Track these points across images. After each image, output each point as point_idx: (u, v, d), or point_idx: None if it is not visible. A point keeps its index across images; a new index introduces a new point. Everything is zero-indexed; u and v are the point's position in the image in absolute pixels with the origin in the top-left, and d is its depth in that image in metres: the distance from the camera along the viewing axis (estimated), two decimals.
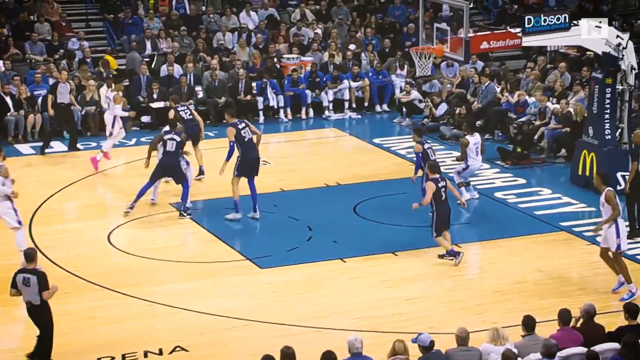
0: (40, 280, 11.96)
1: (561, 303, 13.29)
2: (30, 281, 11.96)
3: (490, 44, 18.34)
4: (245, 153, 17.58)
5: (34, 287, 11.94)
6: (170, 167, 18.16)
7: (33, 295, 12.01)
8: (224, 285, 15.39)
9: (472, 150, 18.28)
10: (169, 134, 18.28)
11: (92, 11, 28.82)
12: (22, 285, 12.04)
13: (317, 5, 29.52)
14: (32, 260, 12.23)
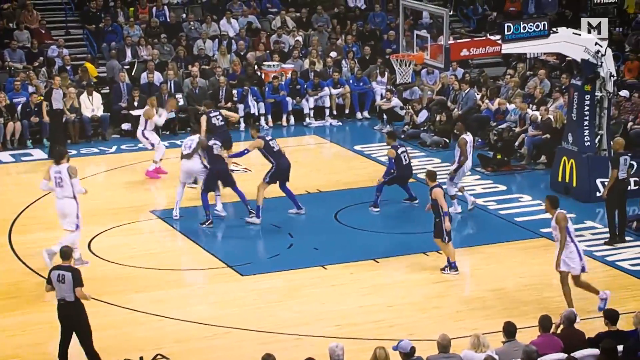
0: (75, 276, 12.16)
1: (541, 309, 13.38)
2: (65, 278, 12.13)
3: (470, 51, 18.39)
4: (279, 164, 18.01)
5: (68, 284, 12.12)
6: (221, 172, 18.13)
7: (67, 292, 12.17)
8: (205, 293, 15.39)
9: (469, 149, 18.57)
10: (211, 140, 18.30)
11: (72, 19, 28.76)
12: (57, 282, 12.21)
13: (297, 13, 29.57)
14: (68, 258, 12.45)
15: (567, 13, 29.09)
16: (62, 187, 15.74)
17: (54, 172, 15.81)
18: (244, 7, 29.31)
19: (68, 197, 15.76)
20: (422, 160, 22.54)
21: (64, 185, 15.72)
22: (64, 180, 15.70)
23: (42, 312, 13.92)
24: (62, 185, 15.73)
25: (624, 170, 17.03)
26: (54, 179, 15.82)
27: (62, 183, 15.73)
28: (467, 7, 30.63)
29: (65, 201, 15.79)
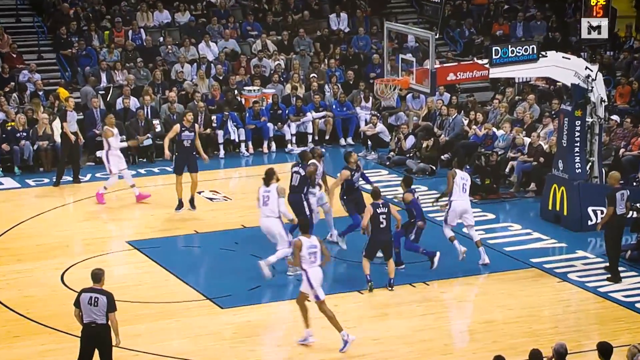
0: (110, 300, 12.39)
1: (532, 342, 13.38)
2: (99, 301, 12.30)
3: (457, 75, 18.46)
4: None
5: (102, 307, 12.30)
6: (293, 203, 17.78)
7: (99, 315, 12.35)
8: (182, 326, 15.32)
9: (459, 186, 17.53)
10: (295, 167, 18.20)
11: (44, 42, 28.74)
12: (87, 304, 12.32)
13: (278, 36, 29.65)
14: (99, 281, 12.60)
15: (556, 36, 29.31)
16: (267, 205, 16.65)
17: (264, 191, 16.78)
18: (224, 29, 29.38)
19: (272, 217, 16.68)
20: None
21: (270, 204, 16.64)
22: (271, 200, 16.62)
23: (14, 347, 13.80)
24: (267, 204, 16.64)
25: (622, 206, 16.98)
26: (262, 198, 16.75)
27: (269, 202, 16.64)
28: (454, 30, 30.82)
29: (270, 220, 16.72)
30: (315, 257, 14.24)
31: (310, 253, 14.21)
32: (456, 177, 17.44)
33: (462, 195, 17.50)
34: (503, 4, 32.25)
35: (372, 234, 16.21)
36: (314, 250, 14.25)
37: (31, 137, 23.98)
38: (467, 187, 17.53)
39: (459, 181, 17.44)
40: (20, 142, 23.78)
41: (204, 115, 25.39)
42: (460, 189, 17.46)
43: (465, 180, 17.52)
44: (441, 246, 18.22)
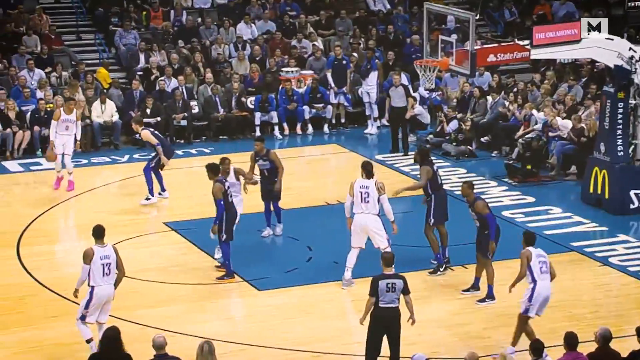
0: None
1: (572, 327, 13.25)
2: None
3: (497, 56, 18.34)
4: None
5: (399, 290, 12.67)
6: None
7: None
8: (219, 308, 15.39)
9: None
10: None
11: (83, 22, 28.88)
12: None
13: (317, 17, 29.57)
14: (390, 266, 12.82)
15: (599, 15, 28.97)
16: (367, 202, 15.54)
17: (360, 186, 15.62)
18: (262, 10, 29.35)
19: (372, 214, 15.56)
20: (447, 170, 22.48)
21: (370, 202, 15.53)
22: (371, 196, 15.52)
23: (49, 328, 13.94)
24: (367, 201, 15.53)
25: None
26: (359, 194, 15.58)
27: (369, 199, 15.52)
28: (495, 10, 30.57)
29: (369, 217, 15.58)
30: (546, 267, 13.42)
31: (540, 262, 13.40)
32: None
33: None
34: None
35: None
36: (544, 260, 13.45)
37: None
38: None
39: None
40: None
41: (237, 97, 25.44)
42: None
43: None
44: None
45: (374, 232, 15.67)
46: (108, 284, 13.22)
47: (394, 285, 12.46)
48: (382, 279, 12.50)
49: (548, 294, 13.48)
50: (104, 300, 13.24)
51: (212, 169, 16.28)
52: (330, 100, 26.12)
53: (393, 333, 12.58)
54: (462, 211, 19.53)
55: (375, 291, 12.43)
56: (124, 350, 11.31)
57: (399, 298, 12.54)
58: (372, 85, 26.02)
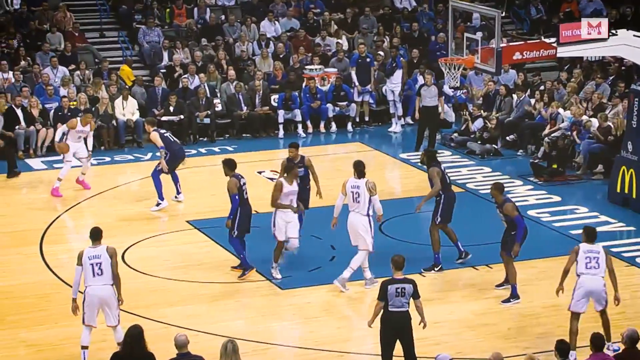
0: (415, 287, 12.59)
1: (598, 327, 13.22)
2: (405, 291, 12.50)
3: (523, 54, 18.29)
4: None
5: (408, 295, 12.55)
6: None
7: None
8: (242, 307, 15.41)
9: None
10: None
11: (107, 20, 28.99)
12: None
13: (342, 14, 29.54)
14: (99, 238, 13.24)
15: (627, 12, 28.83)
16: (358, 202, 15.57)
17: (352, 186, 15.66)
18: (286, 8, 29.35)
19: (362, 214, 15.61)
20: (472, 169, 22.44)
21: (361, 201, 15.55)
22: (362, 196, 15.54)
23: (72, 326, 13.98)
24: (358, 201, 15.57)
25: None
26: (350, 194, 15.63)
27: (359, 199, 15.55)
28: (521, 8, 30.46)
29: (358, 217, 15.62)
30: (597, 263, 13.44)
31: (587, 257, 13.44)
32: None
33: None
34: None
35: None
36: (595, 256, 13.46)
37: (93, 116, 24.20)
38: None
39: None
40: None
41: (261, 95, 25.47)
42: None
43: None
44: None
45: (360, 232, 15.66)
46: (100, 285, 12.98)
47: (404, 290, 12.40)
48: (391, 283, 12.45)
49: (592, 288, 13.44)
50: (96, 300, 13.01)
51: (228, 164, 16.38)
52: (354, 98, 26.10)
53: (405, 337, 12.51)
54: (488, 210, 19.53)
55: (384, 295, 12.39)
56: (147, 349, 11.33)
57: (408, 302, 12.47)
58: (396, 83, 25.97)
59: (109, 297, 13.05)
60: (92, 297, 13.03)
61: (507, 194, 16.03)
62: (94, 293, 13.02)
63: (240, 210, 16.17)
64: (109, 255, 13.09)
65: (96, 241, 13.27)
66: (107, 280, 13.03)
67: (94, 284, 13.02)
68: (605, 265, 13.50)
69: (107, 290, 13.03)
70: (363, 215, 15.66)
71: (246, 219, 16.29)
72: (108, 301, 13.07)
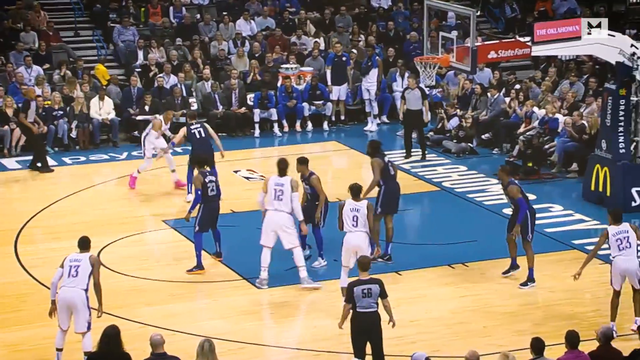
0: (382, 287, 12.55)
1: (574, 325, 13.29)
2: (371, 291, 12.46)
3: (499, 53, 18.36)
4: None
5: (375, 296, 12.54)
6: None
7: None
8: (219, 306, 15.41)
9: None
10: None
11: (81, 19, 28.88)
12: None
13: (317, 14, 29.56)
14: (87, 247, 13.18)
15: (600, 12, 29.01)
16: (281, 200, 15.56)
17: (275, 184, 15.65)
18: (262, 7, 29.34)
19: (285, 212, 15.58)
20: (447, 168, 22.52)
21: (284, 199, 15.55)
22: (285, 194, 15.55)
23: (49, 326, 13.93)
24: (281, 199, 15.56)
25: None
26: (272, 192, 15.64)
27: (282, 197, 15.55)
28: (495, 7, 30.60)
29: (282, 215, 15.60)
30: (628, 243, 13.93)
31: (618, 239, 13.93)
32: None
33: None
34: None
35: None
36: (625, 236, 13.95)
37: (68, 115, 24.15)
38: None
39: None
40: (56, 120, 23.95)
41: (238, 94, 25.46)
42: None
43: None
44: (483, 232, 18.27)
45: (284, 231, 15.63)
46: (71, 287, 12.90)
47: (370, 291, 12.39)
48: (357, 284, 12.46)
49: (627, 266, 13.97)
50: (65, 304, 12.94)
51: (196, 160, 16.91)
52: (330, 97, 26.13)
53: (374, 337, 12.53)
54: (464, 209, 19.66)
55: (351, 297, 12.40)
56: (123, 349, 11.32)
57: (377, 302, 12.47)
58: (372, 82, 26.02)
59: (78, 302, 12.94)
60: (61, 299, 12.98)
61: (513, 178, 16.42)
62: (65, 295, 12.95)
63: (203, 206, 16.35)
64: (90, 263, 13.00)
65: (84, 249, 13.21)
66: (80, 284, 12.93)
67: (66, 285, 12.96)
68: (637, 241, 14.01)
69: (77, 294, 12.92)
70: (287, 213, 15.63)
71: (209, 215, 16.44)
72: (76, 306, 12.96)
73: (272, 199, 15.67)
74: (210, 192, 16.40)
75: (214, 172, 18.06)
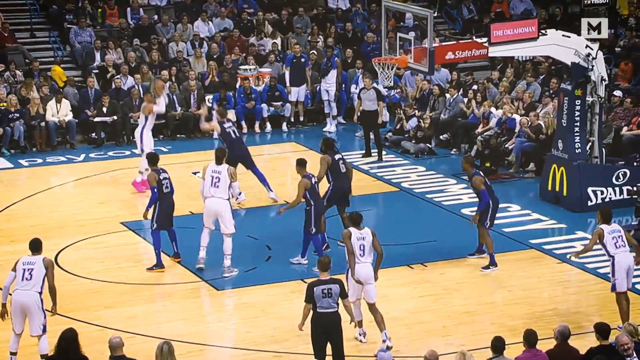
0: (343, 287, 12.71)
1: (532, 324, 13.43)
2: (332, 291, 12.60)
3: (456, 54, 18.43)
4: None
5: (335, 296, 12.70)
6: None
7: None
8: (178, 309, 15.36)
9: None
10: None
11: (37, 20, 28.64)
12: None
13: (276, 15, 29.55)
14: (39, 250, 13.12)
15: (556, 13, 29.26)
16: (217, 187, 16.22)
17: (212, 171, 16.30)
18: (220, 7, 29.28)
19: (222, 198, 16.25)
20: (406, 168, 22.60)
21: (220, 186, 16.21)
22: (222, 182, 16.20)
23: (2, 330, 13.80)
24: (217, 186, 16.22)
25: None
26: (209, 179, 16.25)
27: (219, 184, 16.21)
28: (453, 8, 30.75)
29: (219, 202, 16.26)
30: (623, 241, 14.01)
31: (614, 237, 13.99)
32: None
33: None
34: None
35: None
36: (619, 235, 14.04)
37: (24, 117, 23.95)
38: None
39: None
40: (12, 122, 23.74)
41: (196, 95, 25.40)
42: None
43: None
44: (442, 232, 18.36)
45: (221, 216, 16.30)
46: (25, 290, 12.81)
47: (330, 291, 12.44)
48: (317, 285, 12.49)
49: (630, 263, 14.12)
50: (19, 306, 12.83)
51: (149, 158, 17.08)
52: (289, 98, 26.13)
53: (335, 337, 12.58)
54: (422, 209, 19.76)
55: (311, 297, 12.44)
56: (82, 352, 11.26)
57: (337, 302, 12.52)
58: (331, 83, 26.06)
59: (32, 305, 12.84)
60: (15, 302, 12.86)
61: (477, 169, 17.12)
62: (18, 298, 12.84)
63: (159, 204, 16.54)
64: (44, 266, 12.92)
65: (35, 252, 13.11)
66: (34, 287, 12.84)
67: (20, 288, 12.85)
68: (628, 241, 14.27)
69: (31, 297, 12.82)
70: (224, 200, 16.28)
71: (165, 212, 16.59)
72: (30, 309, 12.86)
73: (209, 186, 16.31)
74: (165, 189, 16.56)
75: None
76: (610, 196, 19.55)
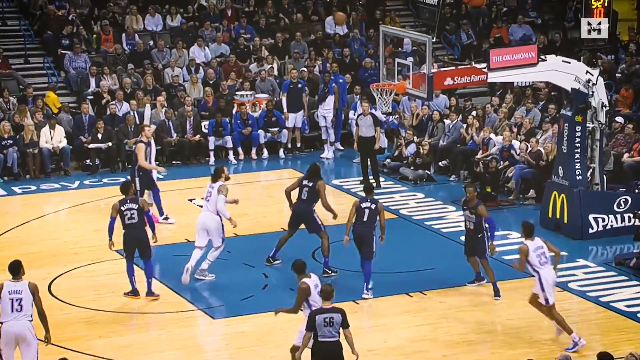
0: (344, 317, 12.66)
1: (532, 353, 13.41)
2: None
3: (455, 80, 18.48)
4: None
5: None
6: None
7: None
8: (173, 338, 15.32)
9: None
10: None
11: (31, 46, 28.70)
12: None
13: (272, 40, 29.63)
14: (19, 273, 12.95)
15: (555, 39, 29.36)
16: (208, 201, 17.24)
17: (209, 187, 17.35)
18: (216, 33, 29.36)
19: (211, 212, 17.18)
20: (405, 195, 22.60)
21: (210, 201, 17.19)
22: (212, 196, 17.14)
23: None
24: (209, 200, 17.23)
25: None
26: (206, 193, 17.32)
27: (210, 198, 17.20)
28: (451, 33, 30.86)
29: (207, 215, 17.22)
30: (545, 257, 14.58)
31: (538, 255, 14.56)
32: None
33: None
34: (502, 7, 32.31)
35: None
36: (542, 251, 14.60)
37: (17, 143, 23.95)
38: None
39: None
40: (5, 149, 23.74)
41: (192, 121, 25.45)
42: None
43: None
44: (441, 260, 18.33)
45: (210, 230, 17.15)
46: (17, 321, 12.67)
47: (332, 320, 12.41)
48: (319, 313, 12.46)
49: (554, 277, 14.77)
50: (12, 337, 12.70)
51: (121, 186, 17.15)
52: (286, 124, 26.17)
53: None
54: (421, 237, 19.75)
55: (313, 326, 12.40)
56: None
57: (338, 332, 12.47)
58: (328, 108, 26.13)
59: (27, 333, 12.72)
60: (8, 333, 12.71)
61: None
62: (11, 329, 12.71)
63: (123, 234, 16.68)
64: (30, 292, 12.76)
65: (17, 275, 12.90)
66: (26, 316, 12.73)
67: (12, 319, 12.70)
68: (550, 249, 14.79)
69: (24, 326, 12.71)
70: (215, 214, 17.10)
71: (129, 243, 16.63)
72: (25, 337, 12.73)
73: (204, 201, 17.37)
74: (127, 220, 16.48)
75: None
76: (612, 223, 19.56)
